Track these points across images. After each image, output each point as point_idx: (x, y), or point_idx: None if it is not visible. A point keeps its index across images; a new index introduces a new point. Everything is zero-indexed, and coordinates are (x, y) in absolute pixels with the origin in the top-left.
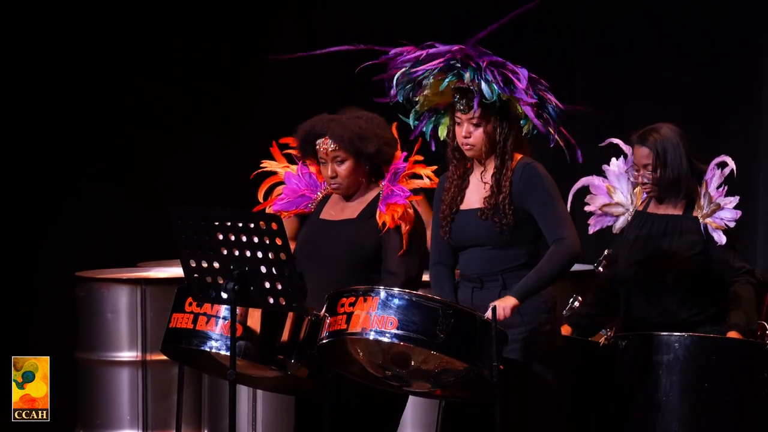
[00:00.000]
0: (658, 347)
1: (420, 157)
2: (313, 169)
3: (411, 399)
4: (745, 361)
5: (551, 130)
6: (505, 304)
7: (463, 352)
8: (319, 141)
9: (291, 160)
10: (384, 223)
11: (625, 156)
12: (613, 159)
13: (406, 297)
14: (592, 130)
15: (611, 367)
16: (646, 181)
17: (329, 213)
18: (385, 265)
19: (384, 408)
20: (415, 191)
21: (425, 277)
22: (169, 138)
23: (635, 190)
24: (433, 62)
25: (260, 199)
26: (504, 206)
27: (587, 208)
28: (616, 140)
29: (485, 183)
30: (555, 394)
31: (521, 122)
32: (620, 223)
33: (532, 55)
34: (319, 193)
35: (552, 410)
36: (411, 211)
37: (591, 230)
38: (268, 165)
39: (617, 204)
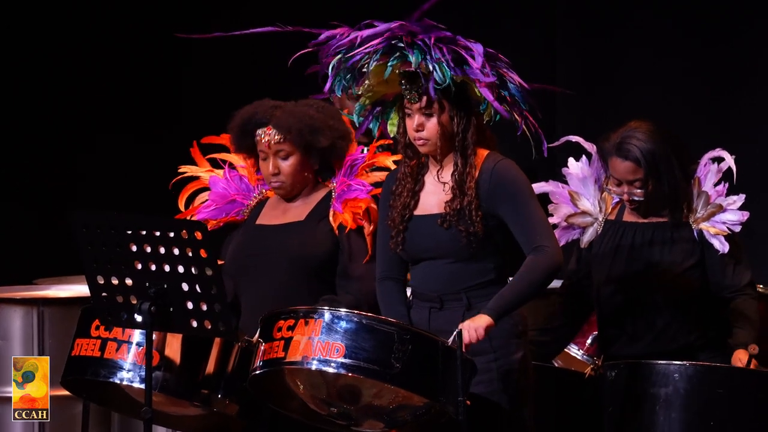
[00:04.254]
0: (654, 378)
1: (385, 141)
2: (244, 171)
3: None
4: (759, 394)
5: (516, 115)
6: (477, 324)
7: (423, 385)
8: (259, 131)
9: (216, 164)
10: (342, 225)
11: (588, 156)
12: (571, 159)
13: (356, 319)
14: (577, 119)
15: (599, 401)
16: (635, 198)
17: (268, 218)
18: (347, 271)
19: None
20: (378, 185)
21: None
22: (71, 135)
23: (603, 195)
24: (371, 44)
25: (181, 207)
26: (470, 212)
27: (551, 220)
28: (575, 138)
29: (443, 183)
30: None
31: (481, 108)
32: (589, 235)
33: (506, 33)
34: (252, 199)
35: None
36: (375, 206)
37: None
38: (188, 170)
39: (584, 213)
